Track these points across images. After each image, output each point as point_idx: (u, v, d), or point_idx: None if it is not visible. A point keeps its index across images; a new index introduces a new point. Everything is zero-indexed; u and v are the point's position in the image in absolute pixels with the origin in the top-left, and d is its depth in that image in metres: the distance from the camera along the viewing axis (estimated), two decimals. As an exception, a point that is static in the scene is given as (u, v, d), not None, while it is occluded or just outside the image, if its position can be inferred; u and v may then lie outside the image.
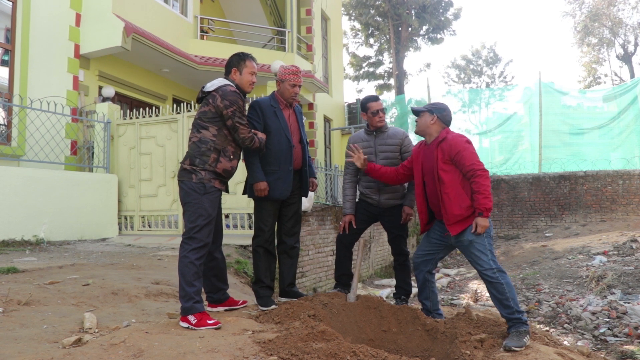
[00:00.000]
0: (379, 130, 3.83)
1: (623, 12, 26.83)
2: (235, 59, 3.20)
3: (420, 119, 3.36)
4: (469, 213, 3.08)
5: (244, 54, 3.23)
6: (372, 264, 10.02)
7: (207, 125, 3.01)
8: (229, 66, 3.20)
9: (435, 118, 3.29)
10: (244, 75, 3.18)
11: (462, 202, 3.09)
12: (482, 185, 3.02)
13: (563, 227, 12.33)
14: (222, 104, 2.98)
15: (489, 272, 3.03)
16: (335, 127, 15.88)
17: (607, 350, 4.90)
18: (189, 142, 3.07)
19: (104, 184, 6.92)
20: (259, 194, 3.33)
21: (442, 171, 3.15)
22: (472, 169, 3.06)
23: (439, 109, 3.33)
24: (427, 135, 3.35)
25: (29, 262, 4.50)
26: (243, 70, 3.18)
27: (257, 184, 3.32)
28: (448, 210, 3.12)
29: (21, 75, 7.03)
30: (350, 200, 3.91)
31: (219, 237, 3.25)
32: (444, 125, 3.31)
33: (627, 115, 13.89)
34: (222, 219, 3.31)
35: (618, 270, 7.26)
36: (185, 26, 10.52)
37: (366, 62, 27.44)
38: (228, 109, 2.98)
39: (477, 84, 33.85)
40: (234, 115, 2.99)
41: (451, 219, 3.12)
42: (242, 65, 3.17)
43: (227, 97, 2.98)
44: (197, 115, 3.08)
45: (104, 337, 2.53)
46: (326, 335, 2.56)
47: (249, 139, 3.09)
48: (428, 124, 3.31)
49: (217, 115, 3.01)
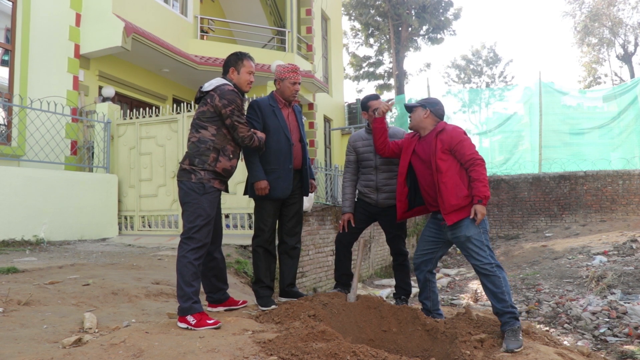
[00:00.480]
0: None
1: (623, 12, 26.85)
2: (232, 58, 3.20)
3: (414, 114, 3.40)
4: (466, 202, 3.11)
5: (242, 53, 3.22)
6: (372, 264, 10.02)
7: (205, 125, 3.01)
8: (227, 65, 3.19)
9: (428, 112, 3.34)
10: (242, 75, 3.18)
11: (459, 192, 3.12)
12: (481, 174, 3.08)
13: (563, 227, 12.32)
14: (220, 103, 2.97)
15: (487, 266, 3.04)
16: (335, 127, 15.88)
17: (607, 350, 4.89)
18: (188, 142, 3.06)
19: (104, 184, 6.92)
20: (259, 192, 3.32)
21: (440, 160, 3.17)
22: (472, 157, 3.11)
23: (431, 103, 3.38)
24: (422, 129, 3.38)
25: (29, 262, 4.50)
26: (241, 70, 3.17)
27: (257, 183, 3.31)
28: (445, 199, 3.14)
29: (21, 75, 7.03)
30: (349, 199, 3.92)
31: (218, 237, 3.25)
32: (437, 119, 3.36)
33: (627, 115, 13.89)
34: (221, 219, 3.31)
35: (618, 270, 7.26)
36: (185, 26, 10.52)
37: (366, 62, 27.45)
38: (226, 108, 2.97)
39: (477, 84, 33.87)
40: (232, 114, 2.99)
41: (448, 208, 3.14)
42: (240, 65, 3.17)
43: (225, 96, 2.98)
44: (195, 116, 3.08)
45: (104, 337, 2.53)
46: (326, 335, 2.56)
47: (248, 138, 3.09)
48: (421, 118, 3.35)
49: (215, 114, 3.01)
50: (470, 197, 3.11)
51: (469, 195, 3.11)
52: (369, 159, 3.79)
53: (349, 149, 3.95)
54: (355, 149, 3.89)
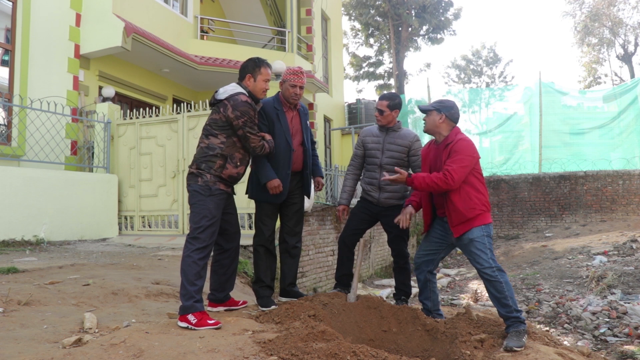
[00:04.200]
0: (390, 128, 3.82)
1: (623, 12, 26.89)
2: (250, 64, 3.17)
3: (428, 117, 3.33)
4: (473, 215, 3.08)
5: (260, 60, 3.20)
6: (372, 264, 10.02)
7: (216, 132, 3.03)
8: (244, 71, 3.17)
9: (443, 117, 3.26)
10: (258, 83, 3.16)
11: (467, 204, 3.09)
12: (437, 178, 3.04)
13: (563, 227, 12.32)
14: (233, 114, 2.98)
15: (488, 270, 3.03)
16: (335, 127, 15.88)
17: (607, 351, 4.90)
18: (197, 146, 3.11)
19: (104, 184, 6.92)
20: (273, 191, 3.34)
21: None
22: (447, 168, 3.06)
23: (447, 107, 3.29)
24: (437, 134, 3.33)
25: (29, 262, 4.50)
26: (257, 77, 3.15)
27: (270, 182, 3.32)
28: (452, 211, 3.12)
29: (21, 76, 7.02)
30: (347, 192, 3.94)
31: (236, 238, 3.28)
32: (452, 124, 3.29)
33: (627, 115, 13.89)
34: (237, 219, 3.31)
35: (618, 270, 7.26)
36: (186, 26, 10.52)
37: (366, 62, 27.45)
38: (239, 120, 2.99)
39: (477, 84, 33.87)
40: (244, 125, 3.01)
41: (455, 221, 3.12)
42: (257, 72, 3.15)
43: (238, 108, 2.98)
44: (207, 121, 3.11)
45: (104, 337, 2.53)
46: (326, 335, 2.56)
47: (259, 147, 3.13)
48: (437, 123, 3.28)
49: (227, 124, 3.03)
50: (478, 211, 3.08)
51: (476, 208, 3.09)
52: (376, 156, 3.79)
53: (359, 143, 3.94)
54: (365, 144, 3.88)
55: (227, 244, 3.21)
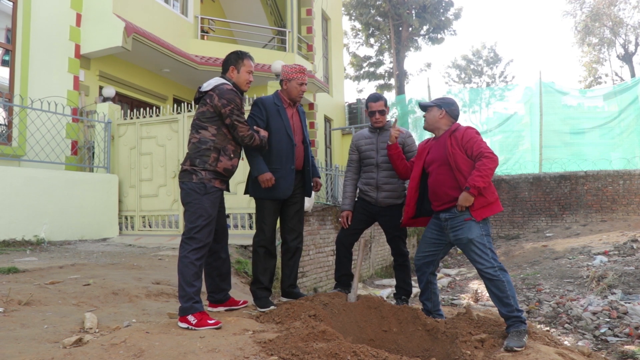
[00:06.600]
0: (381, 128, 3.83)
1: (624, 12, 26.82)
2: (233, 57, 3.18)
3: (429, 113, 3.35)
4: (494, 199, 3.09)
5: (242, 52, 3.21)
6: (372, 264, 10.02)
7: (205, 125, 3.01)
8: (227, 64, 3.18)
9: (443, 112, 3.29)
10: (242, 74, 3.17)
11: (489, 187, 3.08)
12: (485, 165, 3.00)
13: (564, 227, 12.32)
14: (219, 102, 2.97)
15: (490, 270, 3.02)
16: (335, 127, 15.88)
17: (607, 351, 4.89)
18: (189, 143, 3.06)
19: (105, 184, 6.92)
20: (265, 184, 3.28)
21: (451, 156, 3.14)
22: (480, 151, 3.05)
23: (447, 103, 3.33)
24: (436, 130, 3.34)
25: (30, 262, 4.51)
26: (241, 69, 3.16)
27: (262, 176, 3.27)
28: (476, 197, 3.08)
29: (22, 75, 7.03)
30: (349, 197, 3.94)
31: (224, 237, 3.25)
32: (452, 120, 3.32)
33: (627, 115, 13.88)
34: (225, 218, 3.31)
35: (619, 270, 7.26)
36: (186, 26, 10.52)
37: (367, 62, 27.42)
38: (226, 108, 2.97)
39: (477, 84, 33.84)
40: (232, 113, 2.98)
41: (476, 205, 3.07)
42: (240, 64, 3.16)
43: (224, 96, 2.97)
44: (195, 116, 3.07)
45: (104, 337, 2.53)
46: (327, 335, 2.56)
47: (248, 137, 3.08)
48: (437, 119, 3.31)
49: (215, 114, 3.00)
50: (496, 194, 3.10)
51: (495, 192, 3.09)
52: (371, 156, 3.81)
53: (352, 147, 3.97)
54: (358, 147, 3.91)
55: (216, 244, 3.13)
